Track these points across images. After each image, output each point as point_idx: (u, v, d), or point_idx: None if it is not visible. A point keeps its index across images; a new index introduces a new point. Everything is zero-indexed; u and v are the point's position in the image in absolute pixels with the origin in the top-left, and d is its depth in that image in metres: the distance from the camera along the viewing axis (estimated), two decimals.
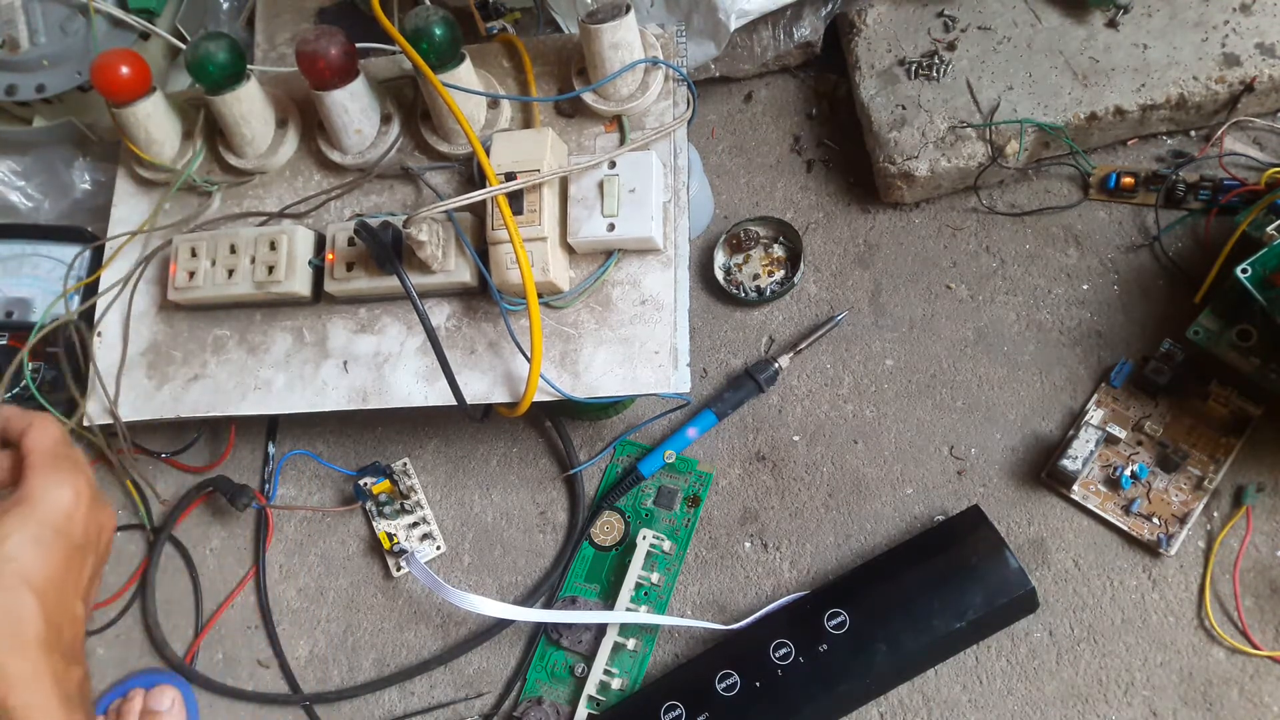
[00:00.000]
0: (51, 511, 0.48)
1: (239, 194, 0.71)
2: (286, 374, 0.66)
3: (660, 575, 0.66)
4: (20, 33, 0.74)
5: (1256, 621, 0.58)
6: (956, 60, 0.70)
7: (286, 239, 0.65)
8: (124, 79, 0.64)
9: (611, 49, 0.60)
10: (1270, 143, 0.67)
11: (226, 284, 0.66)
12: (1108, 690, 0.59)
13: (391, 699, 0.68)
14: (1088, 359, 0.66)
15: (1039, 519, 0.63)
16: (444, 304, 0.65)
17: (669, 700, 0.59)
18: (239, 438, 0.77)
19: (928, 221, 0.72)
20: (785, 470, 0.68)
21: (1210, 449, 0.61)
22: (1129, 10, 0.68)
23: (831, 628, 0.59)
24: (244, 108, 0.66)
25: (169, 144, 0.69)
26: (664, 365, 0.60)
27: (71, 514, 0.49)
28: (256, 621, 0.72)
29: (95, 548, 0.51)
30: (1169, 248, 0.67)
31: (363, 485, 0.72)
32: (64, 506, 0.49)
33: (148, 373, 0.69)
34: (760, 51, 0.76)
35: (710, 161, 0.78)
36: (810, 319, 0.72)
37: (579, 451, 0.72)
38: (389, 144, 0.67)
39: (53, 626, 0.46)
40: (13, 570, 0.46)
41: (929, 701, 0.61)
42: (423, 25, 0.59)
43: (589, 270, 0.63)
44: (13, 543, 0.46)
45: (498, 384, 0.63)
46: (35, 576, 0.46)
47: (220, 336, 0.68)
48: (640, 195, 0.60)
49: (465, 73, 0.62)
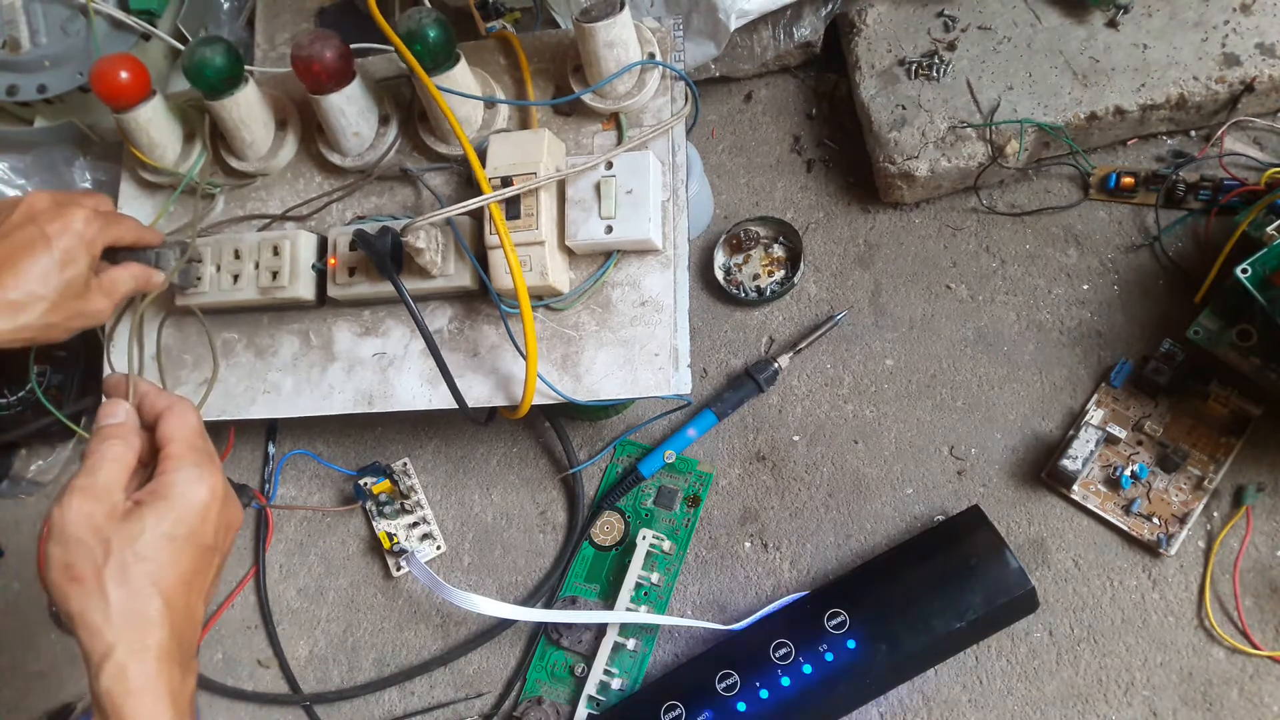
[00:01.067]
0: (187, 510, 0.46)
1: (242, 196, 0.71)
2: (294, 377, 0.67)
3: (660, 575, 0.66)
4: (21, 33, 0.74)
5: (1256, 621, 0.58)
6: (956, 60, 0.70)
7: (289, 244, 0.65)
8: (123, 84, 0.64)
9: (606, 47, 0.60)
10: (1270, 143, 0.67)
11: (232, 289, 0.66)
12: (1108, 690, 0.59)
13: (391, 699, 0.68)
14: (1088, 359, 0.66)
15: (1039, 519, 0.63)
16: (446, 307, 0.65)
17: (669, 700, 0.59)
18: (239, 437, 0.77)
19: (928, 221, 0.72)
20: (785, 470, 0.68)
21: (1210, 449, 0.61)
22: (1129, 10, 0.68)
23: (831, 628, 0.59)
24: (243, 112, 0.66)
25: (171, 148, 0.69)
26: (664, 367, 0.60)
27: (206, 514, 0.47)
28: (256, 621, 0.73)
29: (222, 549, 0.49)
30: (1169, 248, 0.67)
31: (363, 485, 0.72)
32: (200, 505, 0.47)
33: (161, 377, 0.69)
34: (760, 51, 0.76)
35: (710, 161, 0.78)
36: (810, 319, 0.72)
37: (579, 451, 0.72)
38: (387, 146, 0.67)
39: (175, 634, 0.44)
40: (144, 571, 0.44)
41: (929, 701, 0.61)
42: (416, 27, 0.59)
43: (589, 271, 0.63)
44: (146, 540, 0.45)
45: (500, 387, 0.63)
46: (165, 579, 0.45)
47: (229, 340, 0.69)
48: (638, 196, 0.60)
49: (460, 73, 0.62)
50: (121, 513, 0.45)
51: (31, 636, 0.76)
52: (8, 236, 0.57)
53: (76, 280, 0.58)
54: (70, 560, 0.44)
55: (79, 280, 0.58)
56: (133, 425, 0.49)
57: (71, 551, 0.44)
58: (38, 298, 0.56)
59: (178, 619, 0.45)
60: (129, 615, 0.43)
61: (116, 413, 0.49)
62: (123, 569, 0.44)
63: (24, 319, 0.56)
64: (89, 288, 0.59)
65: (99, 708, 0.42)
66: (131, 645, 0.43)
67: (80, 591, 0.44)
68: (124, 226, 0.62)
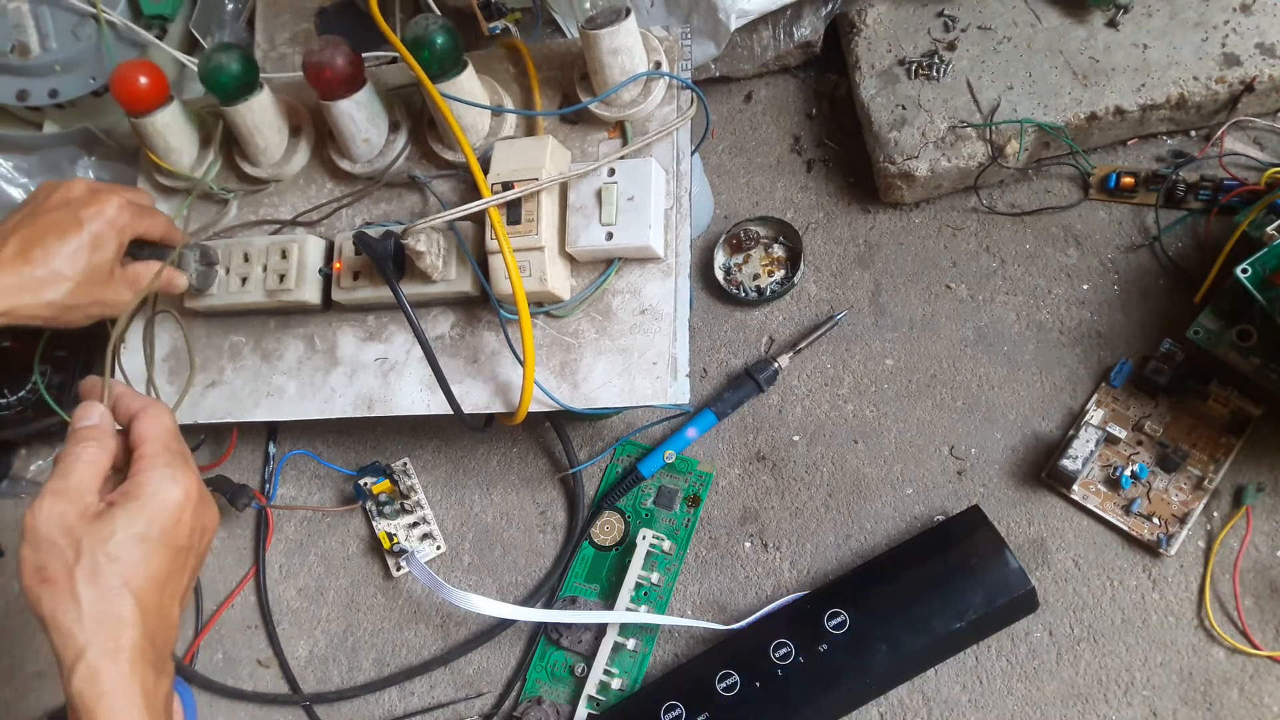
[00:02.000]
0: (160, 511, 0.46)
1: (255, 201, 0.71)
2: (298, 381, 0.67)
3: (660, 575, 0.66)
4: (31, 38, 0.74)
5: (1256, 621, 0.58)
6: (956, 60, 0.70)
7: (297, 248, 0.65)
8: (142, 89, 0.65)
9: (611, 54, 0.60)
10: (1270, 143, 0.67)
11: (240, 292, 0.66)
12: (1108, 690, 0.59)
13: (391, 699, 0.69)
14: (1088, 359, 0.66)
15: (1039, 519, 0.63)
16: (447, 312, 0.65)
17: (669, 700, 0.59)
18: (240, 437, 0.77)
19: (928, 221, 0.72)
20: (785, 470, 0.68)
21: (1210, 449, 0.61)
22: (1129, 10, 0.68)
23: (831, 628, 0.59)
24: (256, 118, 0.66)
25: (186, 152, 0.69)
26: (662, 376, 0.60)
27: (180, 514, 0.47)
28: (256, 621, 0.73)
29: (197, 550, 0.48)
30: (1169, 248, 0.67)
31: (363, 485, 0.72)
32: (173, 506, 0.46)
33: (169, 378, 0.69)
34: (760, 51, 0.76)
35: (710, 161, 0.78)
36: (810, 319, 0.72)
37: (579, 451, 0.72)
38: (396, 152, 0.67)
39: (148, 635, 0.44)
40: (116, 571, 0.44)
41: (929, 701, 0.61)
42: (423, 34, 0.59)
43: (591, 279, 0.63)
44: (117, 541, 0.44)
45: (499, 393, 0.63)
46: (137, 579, 0.44)
47: (236, 343, 0.69)
48: (639, 203, 0.60)
49: (467, 80, 0.62)
50: (94, 514, 0.45)
51: (32, 636, 0.76)
52: (42, 216, 0.58)
53: (103, 266, 0.59)
54: (42, 562, 0.44)
55: (105, 266, 0.59)
56: (107, 428, 0.49)
57: (43, 553, 0.44)
58: (63, 277, 0.57)
59: (150, 619, 0.44)
60: (100, 616, 0.43)
61: (91, 415, 0.49)
62: (94, 569, 0.44)
63: (48, 296, 0.57)
64: (113, 276, 0.60)
65: (72, 709, 0.42)
66: (103, 646, 0.43)
67: (52, 593, 0.43)
68: (155, 220, 0.63)
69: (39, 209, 0.58)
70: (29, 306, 0.57)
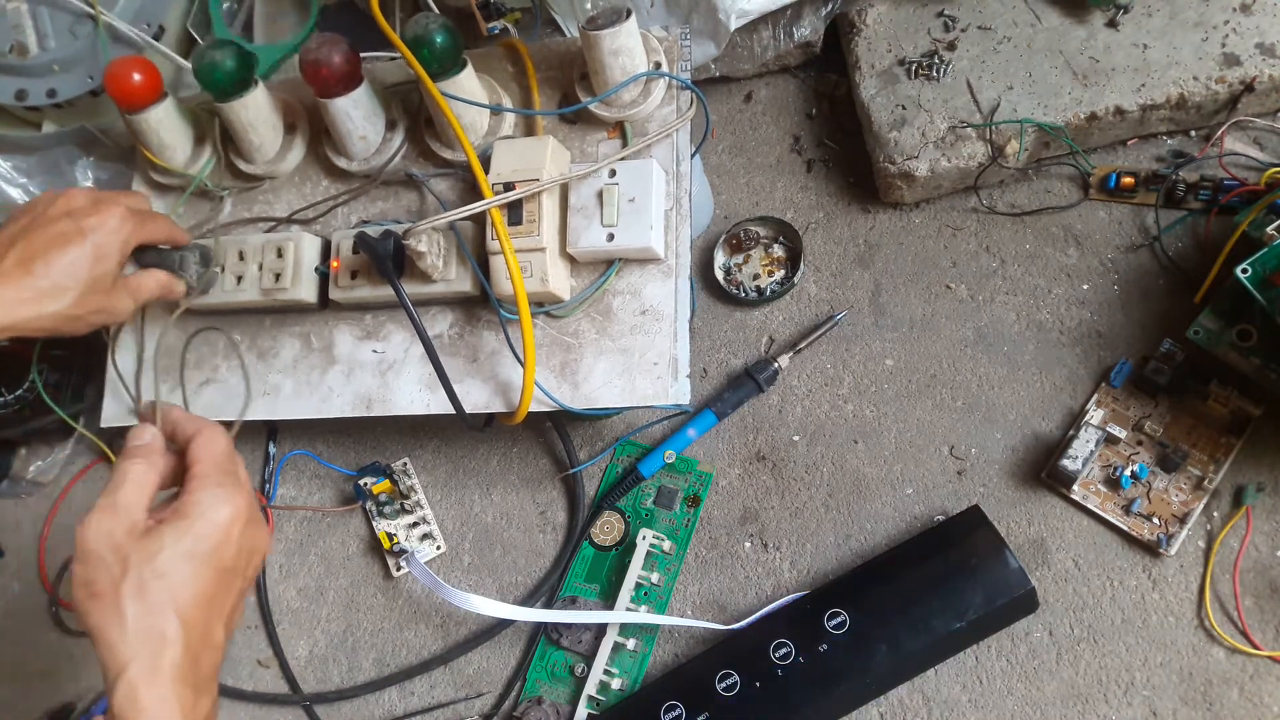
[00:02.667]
0: (208, 529, 0.46)
1: (249, 199, 0.71)
2: (294, 380, 0.67)
3: (660, 575, 0.66)
4: (29, 38, 0.74)
5: (1256, 621, 0.58)
6: (956, 60, 0.70)
7: (293, 246, 0.65)
8: (136, 86, 0.65)
9: (612, 55, 0.60)
10: (1270, 143, 0.67)
11: (235, 290, 0.66)
12: (1108, 690, 0.59)
13: (391, 699, 0.68)
14: (1088, 359, 0.66)
15: (1039, 519, 0.63)
16: (447, 312, 0.65)
17: (669, 700, 0.59)
18: (239, 437, 0.77)
19: (928, 221, 0.72)
20: (785, 470, 0.68)
21: (1210, 449, 0.61)
22: (1129, 10, 0.68)
23: (831, 628, 0.59)
24: (251, 115, 0.66)
25: (181, 149, 0.69)
26: (663, 377, 0.60)
27: (228, 534, 0.47)
28: (256, 621, 0.73)
29: (244, 572, 0.48)
30: (1169, 248, 0.67)
31: (363, 485, 0.72)
32: (221, 525, 0.47)
33: (162, 376, 0.69)
34: (760, 51, 0.76)
35: (710, 161, 0.78)
36: (810, 319, 0.72)
37: (579, 451, 0.72)
38: (393, 150, 0.67)
39: (190, 654, 0.44)
40: (162, 588, 0.44)
41: (929, 701, 0.61)
42: (423, 33, 0.59)
43: (591, 279, 0.63)
44: (165, 558, 0.45)
45: (498, 393, 0.63)
46: (183, 597, 0.44)
47: (231, 341, 0.69)
48: (640, 204, 0.60)
49: (467, 79, 0.62)
50: (142, 530, 0.46)
51: (31, 636, 0.76)
52: (44, 228, 0.58)
53: (105, 277, 0.59)
54: (90, 576, 0.45)
55: (107, 277, 0.59)
56: (157, 447, 0.50)
57: (91, 568, 0.45)
58: (66, 289, 0.57)
59: (194, 639, 0.44)
60: (144, 632, 0.43)
61: (143, 435, 0.51)
62: (140, 585, 0.44)
63: (50, 307, 0.57)
64: (116, 285, 0.60)
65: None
66: (144, 664, 0.43)
67: (99, 607, 0.44)
68: (158, 224, 0.63)
69: (39, 219, 0.58)
70: (32, 319, 0.57)
